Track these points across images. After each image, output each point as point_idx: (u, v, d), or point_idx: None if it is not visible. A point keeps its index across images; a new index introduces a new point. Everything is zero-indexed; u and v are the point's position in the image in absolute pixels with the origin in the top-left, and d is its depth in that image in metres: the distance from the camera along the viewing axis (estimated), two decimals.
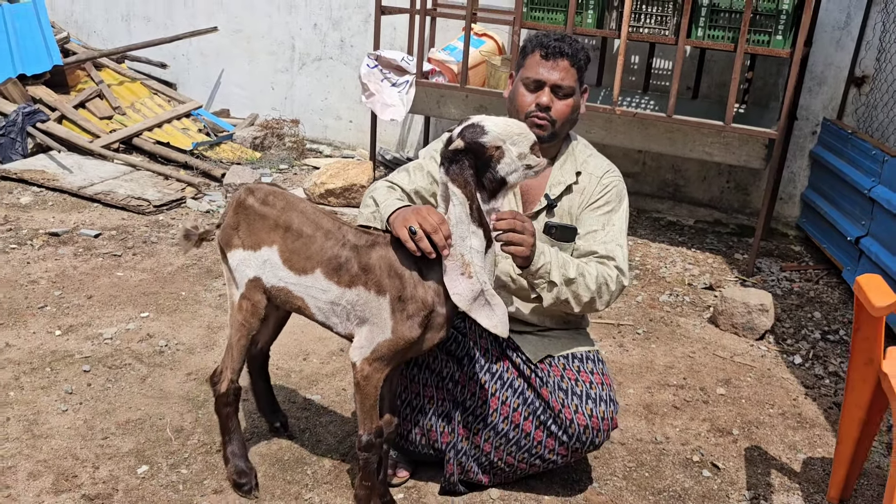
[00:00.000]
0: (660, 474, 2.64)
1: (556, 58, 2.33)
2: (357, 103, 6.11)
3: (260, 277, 2.22)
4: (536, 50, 2.35)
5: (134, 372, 3.03)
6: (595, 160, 2.48)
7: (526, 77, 2.36)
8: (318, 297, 2.13)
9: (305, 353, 3.26)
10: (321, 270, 2.11)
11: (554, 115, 2.33)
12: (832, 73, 4.92)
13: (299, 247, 2.14)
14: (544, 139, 2.35)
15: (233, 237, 2.26)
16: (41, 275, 3.78)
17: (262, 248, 2.20)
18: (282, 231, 2.17)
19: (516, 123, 2.04)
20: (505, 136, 1.98)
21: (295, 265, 2.15)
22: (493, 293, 2.03)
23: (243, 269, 2.24)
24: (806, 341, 3.66)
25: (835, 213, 4.52)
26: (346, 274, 2.08)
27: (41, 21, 6.32)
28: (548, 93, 2.33)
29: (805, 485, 2.63)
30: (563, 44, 2.33)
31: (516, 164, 1.99)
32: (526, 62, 2.38)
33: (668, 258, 4.61)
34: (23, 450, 2.54)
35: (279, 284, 2.19)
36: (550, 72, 2.33)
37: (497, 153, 1.98)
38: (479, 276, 2.00)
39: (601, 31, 4.62)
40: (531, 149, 2.01)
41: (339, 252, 2.10)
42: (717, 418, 2.99)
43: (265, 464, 2.55)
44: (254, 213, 2.22)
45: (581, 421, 2.34)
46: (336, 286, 2.09)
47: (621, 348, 3.49)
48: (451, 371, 2.44)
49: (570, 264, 2.25)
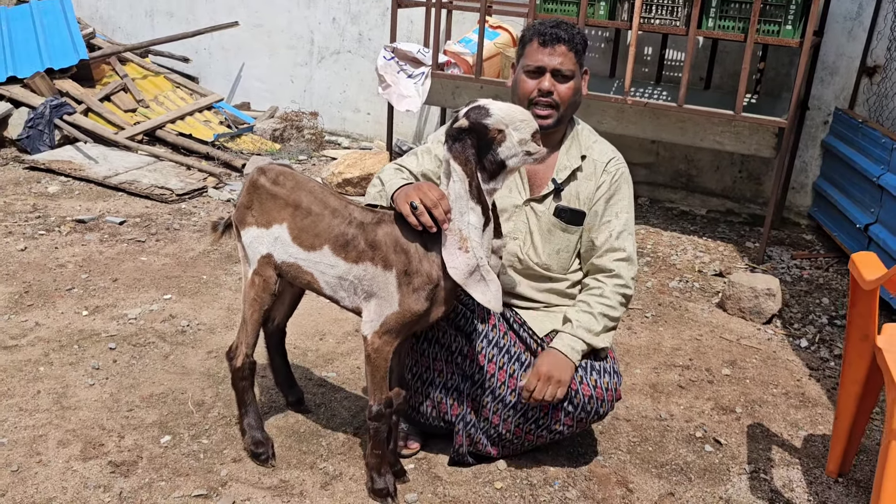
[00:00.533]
0: (663, 449, 2.73)
1: (553, 44, 2.41)
2: (374, 96, 6.22)
3: (271, 254, 2.33)
4: (534, 38, 2.44)
5: (157, 350, 3.16)
6: (600, 146, 2.56)
7: (527, 65, 2.44)
8: (327, 272, 2.24)
9: (322, 334, 3.37)
10: (329, 247, 2.21)
11: (557, 98, 2.42)
12: (844, 63, 4.96)
13: (308, 224, 2.25)
14: (550, 126, 2.44)
15: (246, 215, 2.37)
16: (69, 259, 3.92)
17: (274, 226, 2.31)
18: (291, 209, 2.28)
19: (520, 110, 2.12)
20: (508, 121, 2.06)
21: (304, 242, 2.26)
22: (488, 269, 2.13)
23: (256, 245, 2.35)
24: (813, 326, 3.72)
25: (845, 202, 4.56)
26: (354, 250, 2.18)
27: (67, 17, 6.49)
28: (549, 78, 2.41)
29: (805, 460, 2.70)
30: (560, 30, 2.42)
31: (516, 149, 2.07)
32: (525, 51, 2.47)
33: (679, 246, 4.67)
34: (52, 420, 2.67)
35: (289, 260, 2.30)
36: (550, 57, 2.41)
37: (499, 136, 2.06)
38: (476, 252, 2.09)
39: (613, 22, 4.69)
40: (532, 136, 2.09)
41: (346, 229, 2.20)
42: (721, 397, 3.06)
43: (282, 435, 2.67)
44: (265, 192, 2.33)
45: (586, 391, 2.42)
46: (343, 262, 2.20)
47: (629, 331, 3.57)
48: (460, 345, 2.53)
49: (594, 319, 2.43)
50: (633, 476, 2.57)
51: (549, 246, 2.52)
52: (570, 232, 2.52)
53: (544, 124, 2.42)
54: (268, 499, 2.36)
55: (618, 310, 2.47)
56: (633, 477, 2.56)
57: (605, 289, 2.47)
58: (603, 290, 2.47)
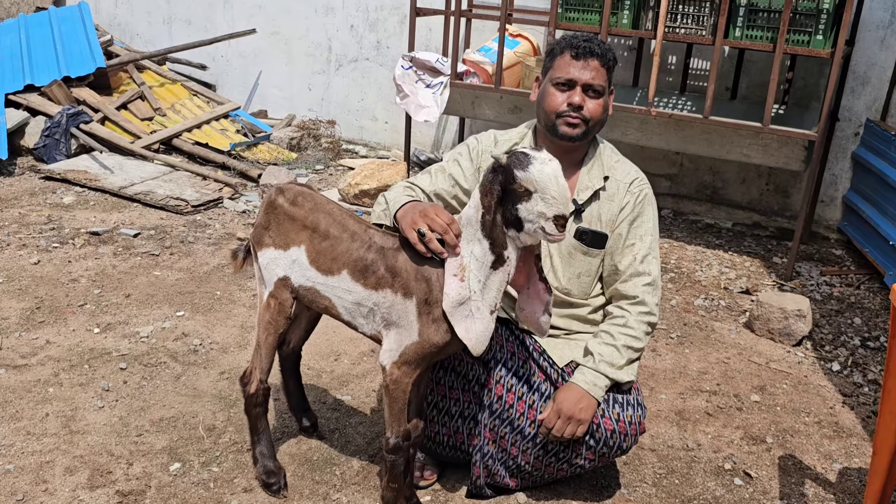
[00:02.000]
0: (690, 482, 2.61)
1: (587, 58, 2.31)
2: (392, 104, 6.13)
3: (288, 276, 2.24)
4: (566, 51, 2.34)
5: (169, 370, 3.09)
6: (622, 166, 2.46)
7: (557, 77, 2.34)
8: (345, 297, 2.15)
9: (337, 354, 3.29)
10: (347, 271, 2.13)
11: (587, 113, 2.32)
12: (875, 74, 4.81)
13: (326, 247, 2.16)
14: (576, 138, 2.34)
15: (264, 236, 2.29)
16: (82, 273, 3.87)
17: (291, 248, 2.22)
18: (310, 231, 2.20)
19: (561, 188, 1.91)
20: (540, 188, 1.89)
21: (322, 266, 2.17)
22: (480, 307, 2.02)
23: (273, 267, 2.27)
24: (845, 348, 3.59)
25: (877, 217, 4.42)
26: (373, 276, 2.09)
27: (86, 24, 6.47)
28: (579, 92, 2.31)
29: (840, 496, 2.58)
30: (593, 44, 2.32)
31: (534, 218, 1.91)
32: (555, 63, 2.36)
33: (704, 261, 4.54)
34: (60, 445, 2.60)
35: (307, 284, 2.21)
36: (582, 71, 2.31)
37: (523, 194, 1.92)
38: (471, 284, 1.99)
39: (637, 31, 4.57)
40: (555, 219, 1.91)
41: (366, 254, 2.11)
42: (750, 426, 2.94)
43: (294, 463, 2.58)
44: (283, 213, 2.25)
45: (608, 425, 2.32)
46: (362, 288, 2.11)
47: (654, 353, 3.46)
48: (478, 374, 2.43)
49: (618, 352, 2.33)
50: None
51: (570, 270, 2.42)
52: (591, 255, 2.42)
53: (573, 134, 2.33)
54: None
55: (642, 340, 2.36)
56: None
57: (630, 318, 2.36)
58: (627, 319, 2.36)
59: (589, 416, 2.26)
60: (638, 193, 2.43)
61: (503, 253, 1.99)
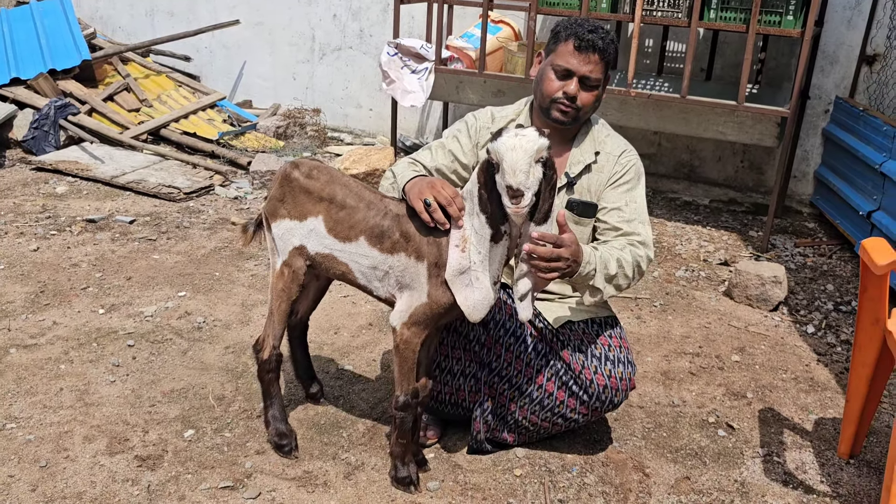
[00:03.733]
0: (677, 434, 2.78)
1: (588, 51, 2.38)
2: (377, 91, 6.25)
3: (304, 245, 2.37)
4: (570, 39, 2.40)
5: (175, 346, 3.20)
6: (613, 140, 2.60)
7: (557, 64, 2.42)
8: (361, 262, 2.29)
9: (336, 328, 3.42)
10: (364, 237, 2.26)
11: (579, 103, 2.43)
12: (844, 53, 5.01)
13: (344, 216, 2.29)
14: (566, 123, 2.47)
15: (279, 208, 2.41)
16: (82, 258, 3.96)
17: (309, 218, 2.35)
18: (327, 202, 2.33)
19: (515, 159, 1.94)
20: (500, 157, 1.95)
21: (340, 233, 2.30)
22: (479, 278, 2.13)
23: (288, 237, 2.40)
24: (819, 312, 3.78)
25: (847, 189, 4.62)
26: (388, 241, 2.23)
27: (68, 17, 6.51)
28: (576, 83, 2.40)
29: (816, 442, 2.76)
30: (597, 36, 2.38)
31: (502, 189, 1.98)
32: (558, 49, 2.43)
33: (683, 236, 4.72)
34: (77, 416, 2.71)
35: (324, 251, 2.34)
36: (581, 64, 2.39)
37: (496, 165, 2.00)
38: (472, 255, 2.12)
39: (615, 15, 4.72)
40: (508, 189, 1.95)
41: (382, 221, 2.25)
42: (731, 383, 3.12)
43: (303, 427, 2.71)
44: (299, 186, 2.38)
45: (600, 381, 2.47)
46: (378, 252, 2.25)
47: (639, 320, 3.62)
48: (478, 334, 2.58)
49: (610, 260, 2.32)
50: (649, 461, 2.62)
51: None
52: (582, 224, 2.56)
53: (563, 119, 2.44)
54: (293, 489, 2.41)
55: (629, 272, 2.37)
56: (649, 462, 2.62)
57: (627, 251, 2.39)
58: (624, 250, 2.39)
59: (569, 259, 2.15)
60: (626, 164, 2.56)
61: (500, 227, 2.10)
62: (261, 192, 5.10)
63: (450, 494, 2.42)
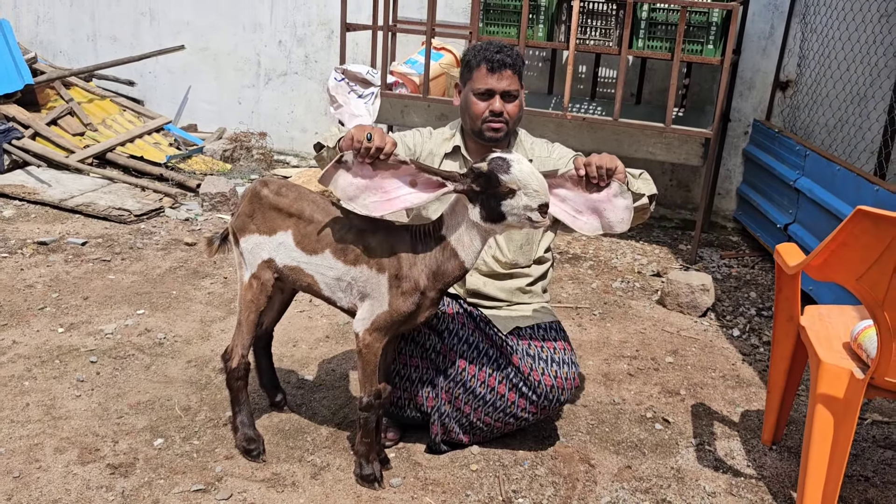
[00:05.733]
0: (618, 429, 3.01)
1: (501, 69, 2.67)
2: (322, 115, 6.42)
3: (273, 259, 2.53)
4: (482, 64, 2.69)
5: (138, 361, 3.30)
6: (539, 145, 2.90)
7: (476, 89, 2.71)
8: (326, 273, 2.46)
9: (294, 341, 3.56)
10: (330, 250, 2.43)
11: (507, 115, 2.71)
12: (760, 79, 5.41)
13: (311, 231, 2.46)
14: (500, 139, 2.74)
15: (248, 223, 2.56)
16: (36, 279, 4.00)
17: (278, 233, 2.51)
18: (295, 218, 2.49)
19: (539, 180, 2.20)
20: (522, 185, 2.18)
21: (307, 246, 2.47)
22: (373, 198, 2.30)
23: (257, 251, 2.55)
24: (743, 317, 4.09)
25: (766, 205, 4.99)
26: (352, 253, 2.41)
27: (9, 42, 6.49)
28: (499, 99, 2.70)
29: (743, 432, 3.03)
30: (504, 55, 2.68)
31: (519, 211, 2.21)
32: (473, 75, 2.71)
33: (618, 250, 5.01)
34: (46, 430, 2.79)
35: (292, 264, 2.50)
36: (498, 81, 2.68)
37: (507, 192, 2.20)
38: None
39: (551, 43, 5.03)
40: (540, 208, 2.20)
41: (346, 234, 2.42)
42: (666, 382, 3.38)
43: (268, 433, 2.85)
44: (268, 202, 2.54)
45: (547, 381, 2.69)
46: (342, 264, 2.42)
47: (580, 327, 3.87)
48: (434, 343, 2.77)
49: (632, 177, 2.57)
50: (594, 453, 2.84)
51: (512, 244, 2.81)
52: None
53: (497, 136, 2.72)
54: (263, 490, 2.54)
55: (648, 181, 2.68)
56: (593, 454, 2.84)
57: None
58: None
59: (617, 161, 2.39)
60: (561, 152, 2.85)
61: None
62: (211, 213, 5.20)
63: (411, 489, 2.59)
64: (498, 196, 2.22)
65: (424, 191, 2.33)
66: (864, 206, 2.02)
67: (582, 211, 2.41)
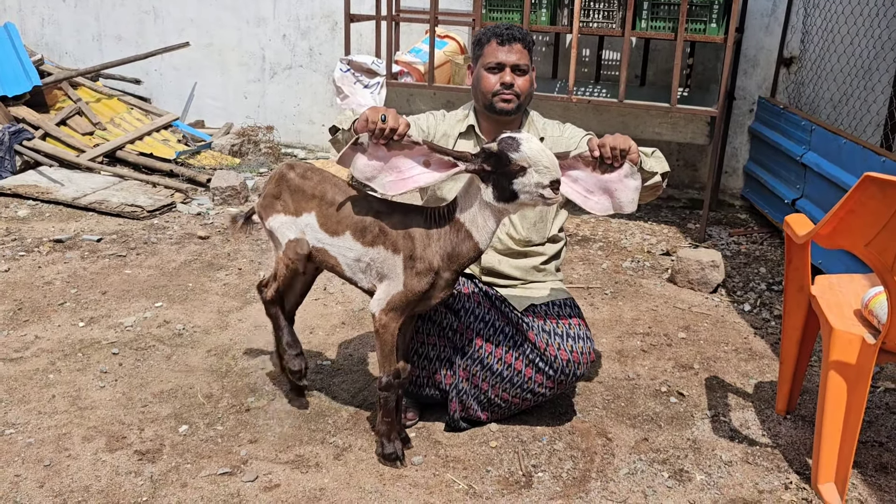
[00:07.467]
0: (634, 403, 3.06)
1: (511, 42, 2.74)
2: (328, 107, 6.47)
3: (301, 238, 2.63)
4: (492, 39, 2.76)
5: (159, 352, 3.35)
6: (551, 125, 2.94)
7: (487, 63, 2.76)
8: (347, 255, 2.52)
9: (311, 328, 3.61)
10: (350, 232, 2.50)
11: (518, 89, 2.75)
12: (764, 56, 5.43)
13: (332, 213, 2.53)
14: (512, 112, 2.78)
15: (275, 204, 2.66)
16: (54, 276, 4.07)
17: (303, 215, 2.61)
18: (318, 200, 2.56)
19: (550, 157, 2.25)
20: (532, 162, 2.22)
21: (329, 228, 2.54)
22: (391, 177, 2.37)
23: (284, 230, 2.66)
24: (753, 292, 4.12)
25: (773, 181, 5.01)
26: (370, 235, 2.47)
27: (15, 44, 6.55)
28: (509, 72, 2.74)
29: (757, 403, 3.07)
30: (514, 30, 2.76)
31: (531, 189, 2.25)
32: (484, 51, 2.78)
33: (627, 231, 5.05)
34: (73, 419, 2.85)
35: (318, 245, 2.59)
36: (508, 55, 2.74)
37: (518, 171, 2.25)
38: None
39: (554, 27, 5.05)
40: (552, 184, 2.24)
41: (365, 217, 2.48)
42: (679, 357, 3.42)
43: (290, 417, 2.90)
44: (294, 184, 2.63)
45: (563, 356, 2.74)
46: (361, 245, 2.48)
47: (592, 307, 3.91)
48: (451, 321, 2.82)
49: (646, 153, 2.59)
50: (611, 427, 2.89)
51: (526, 221, 2.85)
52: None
53: (508, 108, 2.76)
54: (287, 471, 2.60)
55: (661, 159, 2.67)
56: (610, 428, 2.89)
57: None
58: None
59: (631, 141, 2.45)
60: (573, 132, 2.88)
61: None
62: (222, 207, 5.25)
63: (433, 467, 2.64)
64: (509, 175, 2.26)
65: (437, 171, 2.38)
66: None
67: (593, 191, 2.46)
